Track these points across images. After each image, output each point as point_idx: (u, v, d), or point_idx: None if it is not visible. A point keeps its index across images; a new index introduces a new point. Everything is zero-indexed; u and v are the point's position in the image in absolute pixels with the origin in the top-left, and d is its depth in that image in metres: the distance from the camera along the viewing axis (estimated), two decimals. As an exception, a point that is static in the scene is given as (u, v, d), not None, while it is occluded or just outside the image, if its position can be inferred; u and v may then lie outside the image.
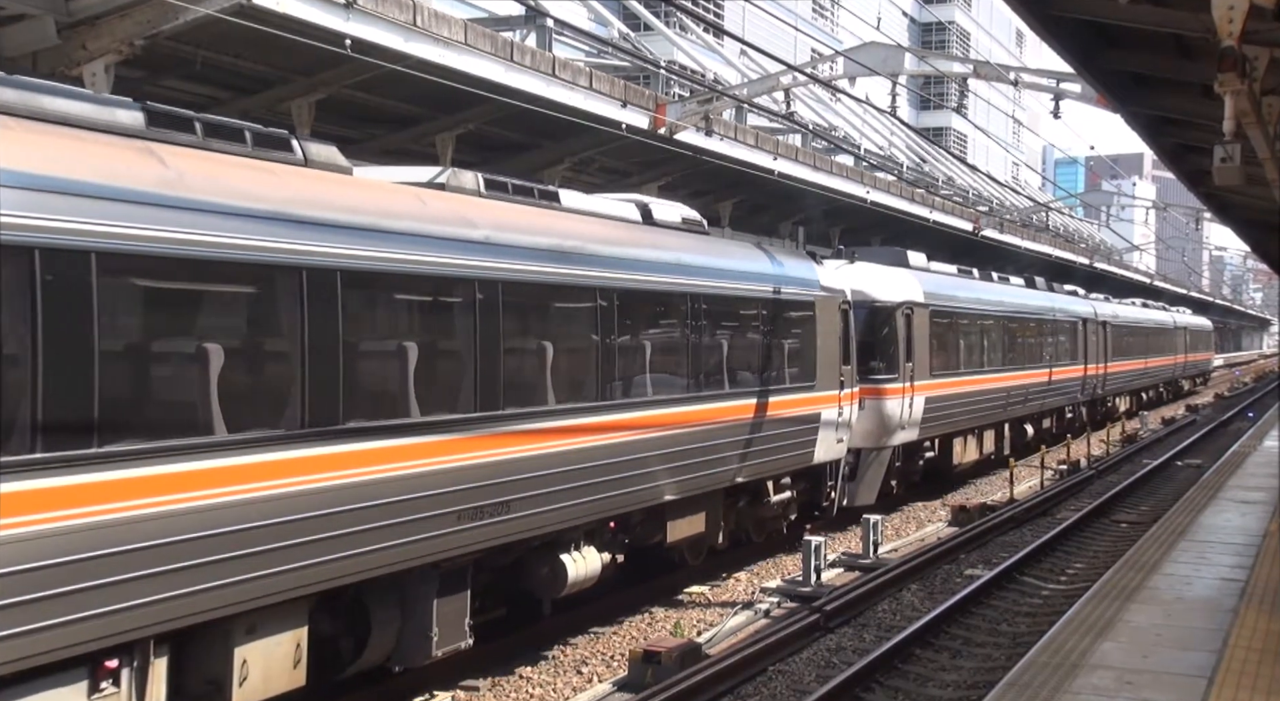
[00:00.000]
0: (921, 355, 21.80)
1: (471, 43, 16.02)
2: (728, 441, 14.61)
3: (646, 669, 11.24)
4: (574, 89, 18.46)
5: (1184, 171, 18.87)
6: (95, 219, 7.23)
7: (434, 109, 18.32)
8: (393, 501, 9.38)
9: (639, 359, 13.00)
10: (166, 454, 7.62)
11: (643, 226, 14.02)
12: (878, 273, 21.64)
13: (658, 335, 13.48)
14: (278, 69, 15.87)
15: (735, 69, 34.49)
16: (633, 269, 12.79)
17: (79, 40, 12.87)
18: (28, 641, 6.80)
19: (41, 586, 6.85)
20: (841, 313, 18.05)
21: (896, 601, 14.68)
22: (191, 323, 8.09)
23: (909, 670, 11.82)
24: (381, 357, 9.62)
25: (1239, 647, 9.66)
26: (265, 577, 8.33)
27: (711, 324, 14.40)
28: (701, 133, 21.61)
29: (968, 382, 24.53)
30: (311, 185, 9.12)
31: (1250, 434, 30.68)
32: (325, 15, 13.68)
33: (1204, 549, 13.93)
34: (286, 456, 8.49)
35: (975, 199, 44.72)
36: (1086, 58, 11.96)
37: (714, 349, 14.48)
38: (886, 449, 20.65)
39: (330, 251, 8.85)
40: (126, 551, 7.34)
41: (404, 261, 9.57)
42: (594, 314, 12.13)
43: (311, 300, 8.71)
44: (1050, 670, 9.01)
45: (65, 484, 6.99)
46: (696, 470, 13.92)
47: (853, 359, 18.44)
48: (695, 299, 14.02)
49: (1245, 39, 7.76)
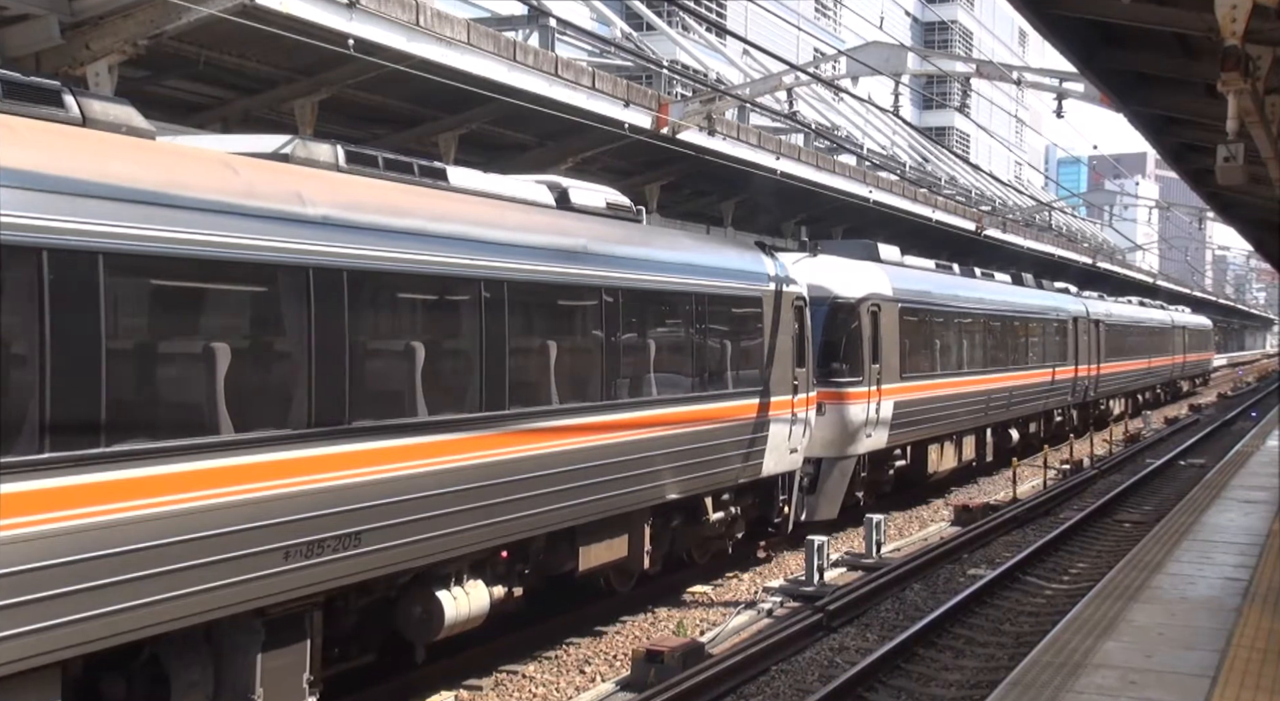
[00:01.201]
0: (890, 356, 20.36)
1: (474, 42, 16.01)
2: (653, 454, 12.93)
3: (649, 668, 11.23)
4: (577, 89, 18.46)
5: (1187, 171, 18.86)
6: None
7: (437, 109, 18.32)
8: (185, 540, 7.58)
9: (539, 361, 11.34)
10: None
11: (555, 210, 12.38)
12: (840, 266, 20.10)
13: (564, 334, 11.82)
14: (280, 69, 15.87)
15: (738, 69, 34.47)
16: (531, 257, 11.08)
17: (82, 40, 12.87)
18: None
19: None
20: (796, 310, 16.52)
21: (899, 601, 14.68)
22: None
23: (912, 669, 11.82)
24: (173, 360, 7.98)
25: (1242, 647, 9.65)
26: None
27: (633, 321, 12.83)
28: (704, 132, 21.58)
29: (944, 385, 23.01)
30: (78, 147, 7.42)
31: (1253, 433, 30.65)
32: (328, 15, 13.67)
33: (1207, 548, 13.92)
34: (18, 488, 6.65)
35: (978, 198, 44.68)
36: (1089, 57, 11.96)
37: (636, 350, 12.93)
38: (850, 458, 19.13)
39: (85, 228, 7.05)
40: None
41: (195, 242, 7.73)
42: (477, 309, 10.35)
43: (57, 291, 6.87)
44: (1053, 669, 9.01)
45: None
46: (612, 488, 12.24)
47: (809, 360, 16.91)
48: (613, 293, 12.31)
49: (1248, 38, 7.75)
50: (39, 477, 6.78)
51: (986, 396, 25.47)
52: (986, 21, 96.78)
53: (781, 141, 26.41)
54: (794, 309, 16.47)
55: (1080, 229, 65.30)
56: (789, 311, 16.28)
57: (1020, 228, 44.94)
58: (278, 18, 13.18)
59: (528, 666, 11.95)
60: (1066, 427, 32.90)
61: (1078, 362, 33.32)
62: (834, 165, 28.92)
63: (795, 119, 26.49)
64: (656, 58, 28.40)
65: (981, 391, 25.13)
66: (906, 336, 21.25)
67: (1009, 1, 10.60)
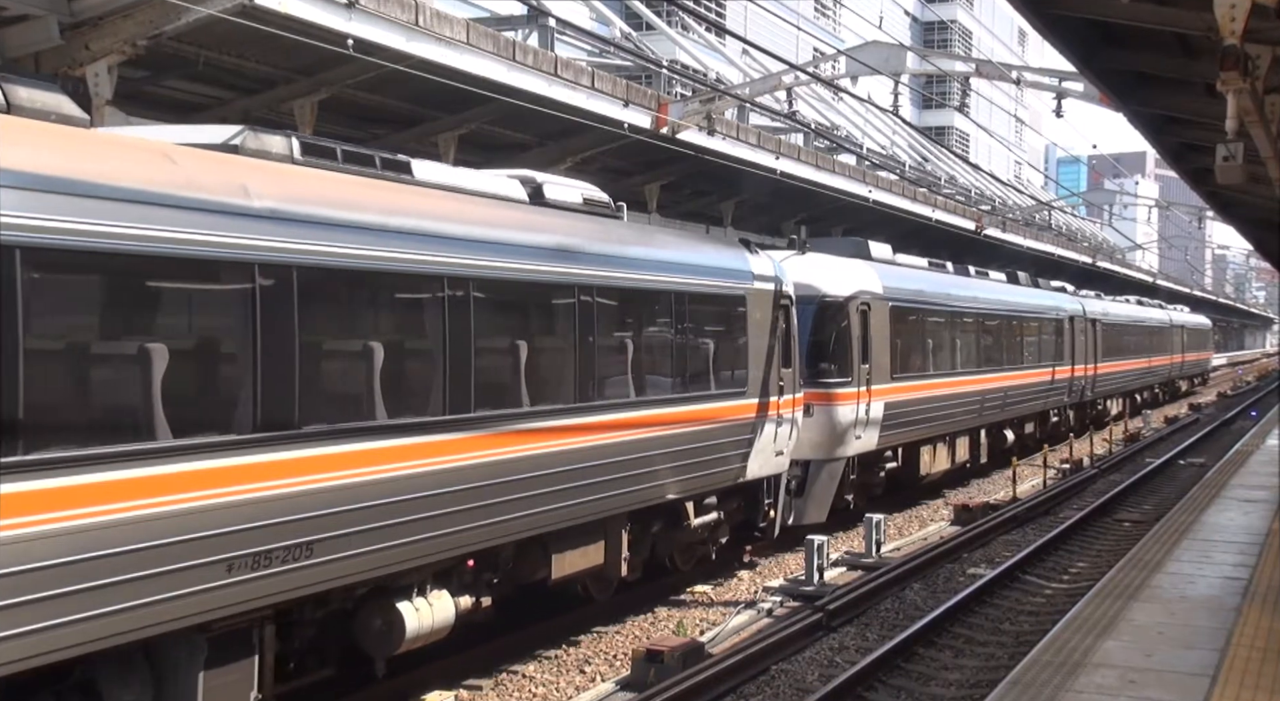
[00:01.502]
0: (881, 355, 19.76)
1: (474, 42, 16.02)
2: (630, 458, 12.40)
3: (649, 668, 11.23)
4: (576, 89, 18.47)
5: (1186, 170, 18.88)
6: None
7: (436, 109, 18.33)
8: (114, 554, 7.15)
9: (507, 362, 10.84)
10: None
11: (528, 206, 11.97)
12: (829, 264, 19.51)
13: (533, 333, 11.31)
14: (280, 69, 15.88)
15: (737, 68, 34.50)
16: (500, 254, 10.63)
17: (81, 40, 12.88)
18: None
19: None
20: (782, 309, 15.90)
21: (899, 600, 14.68)
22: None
23: (912, 669, 11.82)
24: (104, 362, 7.50)
25: (1242, 646, 9.65)
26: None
27: (608, 321, 12.34)
28: (704, 132, 21.60)
29: (936, 385, 22.37)
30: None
31: (1253, 432, 30.66)
32: (327, 15, 13.68)
33: (1207, 547, 13.93)
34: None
35: (978, 198, 44.70)
36: (1088, 56, 11.96)
37: (611, 350, 12.43)
38: (839, 460, 18.56)
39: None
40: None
41: (126, 235, 7.28)
42: (440, 307, 9.88)
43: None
44: (1053, 669, 9.01)
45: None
46: (585, 494, 11.73)
47: (795, 360, 16.30)
48: (587, 290, 11.86)
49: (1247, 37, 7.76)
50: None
51: (981, 397, 24.88)
52: (986, 21, 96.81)
53: (781, 141, 26.43)
54: (780, 308, 15.89)
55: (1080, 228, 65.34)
56: (774, 310, 15.71)
57: (1020, 227, 44.95)
58: (277, 18, 13.19)
59: (528, 666, 11.95)
60: (1063, 428, 32.39)
61: (1074, 362, 32.72)
62: (833, 165, 28.94)
63: (795, 119, 26.50)
64: (656, 57, 28.41)
65: (975, 392, 24.55)
66: (898, 336, 20.69)
67: (1009, 1, 10.61)
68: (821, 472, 18.28)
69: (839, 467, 18.62)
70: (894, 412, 20.09)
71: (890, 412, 19.91)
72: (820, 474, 18.26)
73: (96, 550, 7.06)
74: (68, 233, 6.97)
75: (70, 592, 6.92)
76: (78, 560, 6.97)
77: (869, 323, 19.42)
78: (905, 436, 21.07)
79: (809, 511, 18.03)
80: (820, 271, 19.04)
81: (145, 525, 7.33)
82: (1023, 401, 28.22)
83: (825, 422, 18.23)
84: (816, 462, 18.13)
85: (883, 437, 19.84)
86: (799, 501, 17.80)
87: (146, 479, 7.35)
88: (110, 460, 7.15)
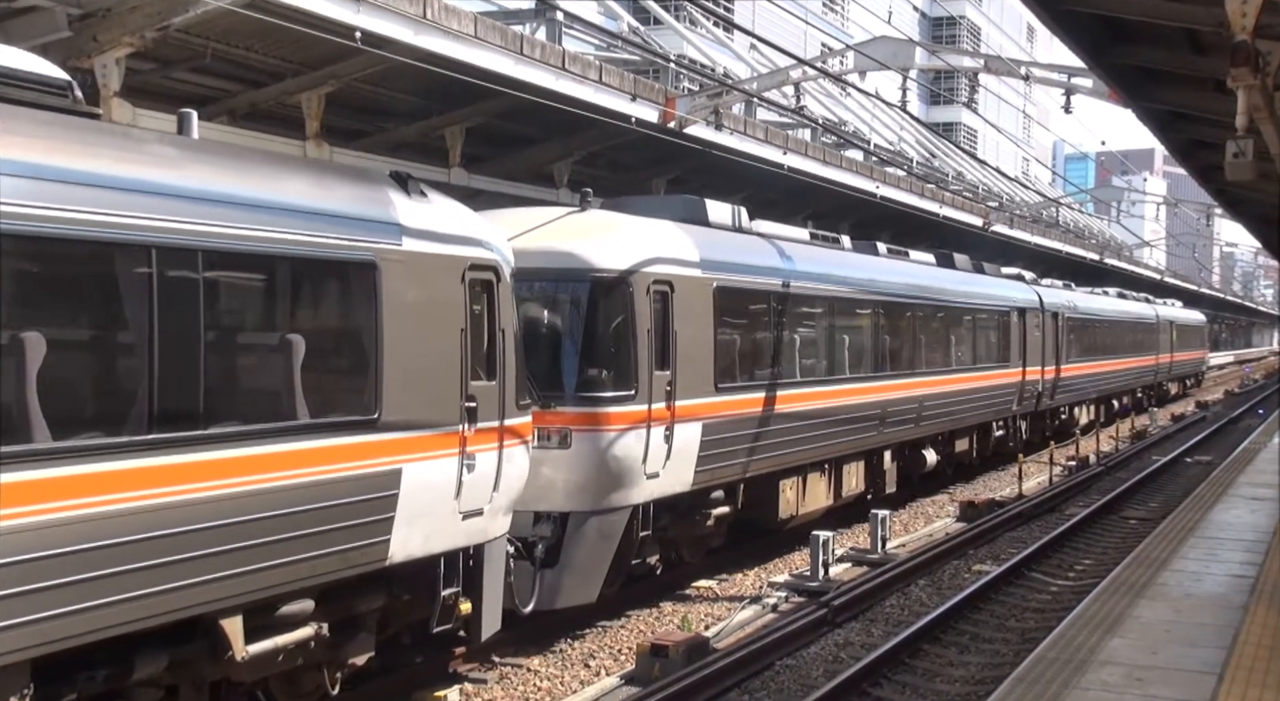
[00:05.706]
0: (697, 358, 14.21)
1: (481, 36, 16.00)
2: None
3: (654, 663, 11.24)
4: (583, 82, 18.44)
5: (1195, 167, 18.86)
6: None
7: (443, 102, 18.31)
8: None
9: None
10: None
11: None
12: (609, 224, 14.01)
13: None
14: (288, 62, 15.88)
15: (745, 63, 34.46)
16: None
17: (90, 32, 12.88)
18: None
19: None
20: (475, 285, 10.30)
21: (905, 596, 14.68)
22: None
23: (917, 665, 11.81)
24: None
25: (1248, 644, 9.64)
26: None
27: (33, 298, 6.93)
28: (711, 127, 21.57)
29: (801, 398, 16.79)
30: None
31: (1260, 430, 30.62)
32: (335, 8, 13.67)
33: (1213, 545, 13.91)
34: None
35: (985, 194, 44.61)
36: (1097, 52, 11.95)
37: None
38: (619, 511, 13.03)
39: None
40: None
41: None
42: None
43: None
44: (1059, 666, 9.00)
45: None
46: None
47: (505, 366, 10.63)
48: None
49: (1258, 33, 7.75)
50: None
51: (881, 409, 19.49)
52: (994, 17, 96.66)
53: (789, 136, 26.41)
54: (468, 285, 10.19)
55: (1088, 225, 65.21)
56: (454, 289, 10.04)
57: (1028, 223, 44.88)
58: (285, 10, 13.18)
59: (532, 660, 11.96)
60: (1010, 444, 26.87)
61: (1026, 364, 27.46)
62: (841, 160, 28.90)
63: (803, 114, 26.38)
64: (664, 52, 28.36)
65: (872, 403, 19.19)
66: (729, 330, 15.19)
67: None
68: (586, 530, 12.73)
69: (618, 521, 13.07)
70: (720, 437, 14.65)
71: (713, 437, 14.47)
72: (584, 531, 12.71)
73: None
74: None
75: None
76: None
77: (672, 310, 13.76)
78: (745, 468, 15.45)
79: (566, 586, 12.58)
80: (591, 235, 13.51)
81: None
82: (948, 413, 22.83)
83: (591, 456, 12.74)
84: (578, 515, 12.71)
85: (702, 473, 14.36)
86: (551, 574, 12.44)
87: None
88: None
